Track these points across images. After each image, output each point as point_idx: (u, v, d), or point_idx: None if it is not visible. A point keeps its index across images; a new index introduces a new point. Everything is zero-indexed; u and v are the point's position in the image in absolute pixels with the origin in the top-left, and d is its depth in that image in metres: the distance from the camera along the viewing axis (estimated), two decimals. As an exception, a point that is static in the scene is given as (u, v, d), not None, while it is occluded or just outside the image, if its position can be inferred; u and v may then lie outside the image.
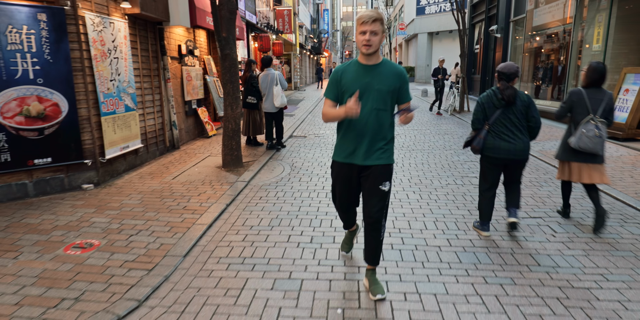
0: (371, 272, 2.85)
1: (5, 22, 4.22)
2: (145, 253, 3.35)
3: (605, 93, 3.72)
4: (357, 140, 2.63)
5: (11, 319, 2.48)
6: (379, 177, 2.63)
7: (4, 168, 4.43)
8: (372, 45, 2.49)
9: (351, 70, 2.62)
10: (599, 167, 3.78)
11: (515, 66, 3.59)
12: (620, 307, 2.63)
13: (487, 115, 3.64)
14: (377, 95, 2.55)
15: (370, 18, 2.44)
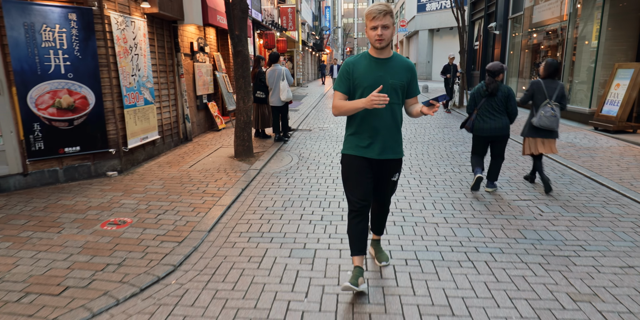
0: (376, 242, 3.14)
1: (40, 21, 4.61)
2: (174, 229, 3.75)
3: (558, 83, 4.71)
4: (372, 134, 2.61)
5: (66, 279, 2.88)
6: (392, 170, 2.75)
7: (38, 155, 4.83)
8: (385, 39, 2.47)
9: (363, 63, 2.58)
10: (554, 141, 4.81)
11: (499, 65, 4.55)
12: (593, 270, 3.02)
13: (476, 103, 4.73)
14: (391, 89, 2.55)
15: (380, 12, 2.42)
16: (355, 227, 2.69)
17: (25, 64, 4.58)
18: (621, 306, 2.57)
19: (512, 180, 5.33)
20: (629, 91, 7.84)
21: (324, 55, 39.07)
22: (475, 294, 2.72)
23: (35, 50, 4.62)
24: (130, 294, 2.70)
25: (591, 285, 2.81)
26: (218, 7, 8.25)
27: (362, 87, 2.55)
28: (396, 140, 2.68)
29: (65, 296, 2.67)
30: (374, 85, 2.51)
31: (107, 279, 2.89)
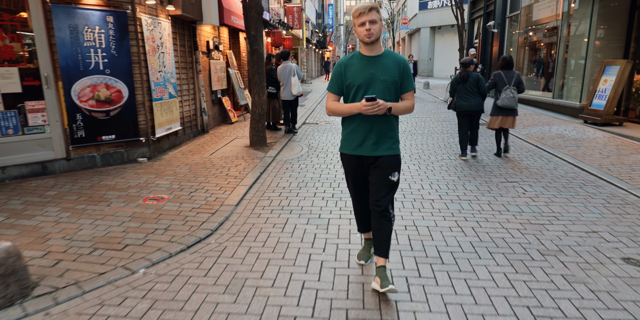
0: (382, 269, 2.71)
1: (83, 23, 5.21)
2: (206, 203, 4.36)
3: (515, 72, 6.22)
4: (365, 132, 2.64)
5: (124, 239, 3.49)
6: (388, 167, 2.66)
7: (80, 142, 5.45)
8: (374, 33, 2.51)
9: (354, 62, 2.63)
10: (514, 118, 6.24)
11: (469, 59, 6.16)
12: (562, 234, 3.62)
13: (455, 88, 6.29)
14: (382, 85, 2.56)
15: (366, 8, 2.49)
16: (358, 213, 3.03)
17: (70, 61, 5.18)
18: (580, 259, 3.17)
19: (502, 166, 5.92)
20: (615, 86, 8.40)
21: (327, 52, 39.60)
22: (462, 249, 3.32)
23: (78, 49, 5.23)
24: (180, 250, 3.32)
25: (558, 244, 3.41)
26: (232, 8, 8.84)
27: (355, 85, 2.59)
28: (391, 137, 2.67)
29: (127, 251, 3.28)
30: (366, 83, 2.57)
31: (158, 239, 3.50)
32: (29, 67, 5.09)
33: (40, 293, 2.68)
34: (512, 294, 2.68)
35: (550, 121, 9.56)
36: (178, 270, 3.01)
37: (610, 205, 4.31)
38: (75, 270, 2.97)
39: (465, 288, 2.76)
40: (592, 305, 2.55)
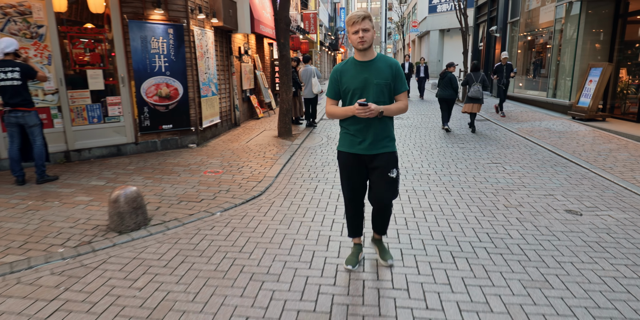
0: (378, 241, 3.15)
1: (150, 35, 6.52)
2: (252, 175, 5.62)
3: (481, 73, 8.85)
4: (362, 132, 2.77)
5: (199, 196, 4.75)
6: (386, 165, 2.80)
7: (145, 130, 6.76)
8: (367, 40, 2.64)
9: (349, 68, 2.77)
10: (479, 105, 8.84)
11: (451, 62, 8.69)
12: (525, 196, 4.80)
13: (438, 83, 9.09)
14: (376, 88, 2.70)
15: (359, 17, 2.61)
16: (350, 216, 3.07)
17: (140, 65, 6.50)
18: (533, 209, 4.36)
19: (490, 152, 7.11)
20: (599, 86, 9.52)
21: (338, 54, 40.85)
22: (447, 203, 4.54)
23: (147, 55, 6.54)
24: (241, 202, 4.58)
25: (520, 202, 4.61)
26: (260, 18, 10.13)
27: (351, 90, 2.74)
28: (387, 136, 2.81)
29: (204, 202, 4.54)
30: (361, 87, 2.72)
31: (224, 196, 4.76)
32: (109, 70, 6.41)
33: (154, 223, 3.96)
34: (478, 226, 3.89)
35: (542, 117, 10.70)
36: (243, 213, 4.28)
37: (571, 179, 5.48)
38: (172, 212, 4.24)
39: (445, 223, 3.98)
40: (533, 234, 3.75)
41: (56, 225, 3.87)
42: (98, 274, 3.04)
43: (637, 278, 2.95)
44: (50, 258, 3.25)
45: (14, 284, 2.89)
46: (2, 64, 4.81)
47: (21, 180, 5.01)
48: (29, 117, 4.95)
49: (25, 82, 4.92)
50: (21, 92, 4.88)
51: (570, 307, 2.61)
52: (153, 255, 3.33)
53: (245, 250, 3.42)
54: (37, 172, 5.09)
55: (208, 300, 2.70)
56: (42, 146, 5.11)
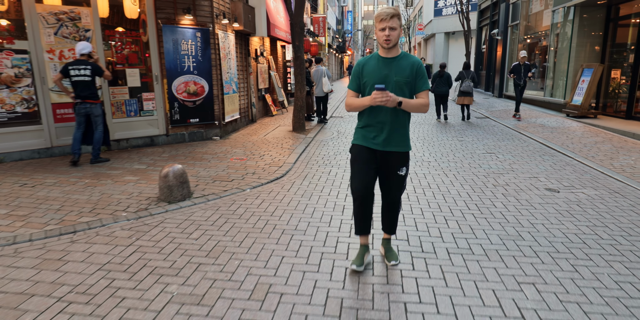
0: (387, 241, 3.17)
1: (181, 38, 7.31)
2: (273, 162, 6.37)
3: (471, 71, 10.80)
4: (378, 128, 2.80)
5: (229, 177, 5.51)
6: (397, 163, 2.85)
7: (175, 123, 7.54)
8: (392, 39, 2.66)
9: (372, 63, 2.80)
10: (470, 97, 10.70)
11: (444, 63, 10.13)
12: (512, 178, 5.51)
13: (434, 80, 10.72)
14: (395, 85, 2.72)
15: (388, 15, 2.61)
16: (358, 210, 2.92)
17: (172, 65, 7.29)
18: (518, 188, 5.07)
19: (486, 145, 7.82)
20: (590, 85, 10.20)
21: (346, 56, 41.62)
22: (444, 183, 5.27)
23: (177, 56, 7.33)
24: (267, 181, 5.33)
25: (507, 182, 5.32)
26: (275, 22, 10.92)
27: (370, 84, 2.76)
28: (402, 134, 2.83)
29: (234, 182, 5.30)
30: (380, 82, 2.73)
31: (251, 178, 5.52)
32: (144, 69, 7.20)
33: (196, 196, 4.71)
34: (469, 198, 4.62)
35: (538, 115, 11.39)
36: (270, 189, 5.03)
37: (555, 165, 6.19)
38: (209, 189, 5.00)
39: (441, 197, 4.72)
40: (515, 204, 4.47)
41: (115, 197, 4.64)
42: (159, 229, 3.80)
43: (594, 234, 3.67)
44: (117, 219, 4.01)
45: (94, 236, 3.65)
46: (77, 63, 5.73)
47: (77, 159, 5.87)
48: (95, 108, 5.79)
49: (94, 79, 5.82)
50: (90, 86, 5.73)
51: (537, 252, 3.34)
52: (200, 217, 4.09)
53: (275, 215, 4.17)
54: (93, 154, 5.98)
55: (251, 246, 3.45)
56: (102, 133, 6.00)
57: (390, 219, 3.09)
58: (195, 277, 2.94)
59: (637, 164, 6.10)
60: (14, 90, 6.06)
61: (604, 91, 11.00)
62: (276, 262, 3.17)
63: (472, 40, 15.64)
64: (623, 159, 6.45)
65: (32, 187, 4.93)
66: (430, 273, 2.99)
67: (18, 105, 6.12)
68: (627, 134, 8.23)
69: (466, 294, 2.71)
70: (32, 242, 3.51)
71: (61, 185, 5.02)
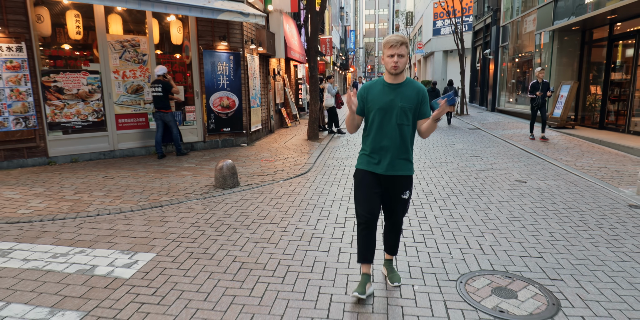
0: (389, 262, 3.19)
1: (217, 60, 8.78)
2: (296, 162, 7.74)
3: (453, 86, 14.33)
4: (382, 152, 2.81)
5: (264, 173, 6.88)
6: (401, 187, 2.89)
7: (211, 132, 8.95)
8: (400, 66, 2.70)
9: (377, 88, 2.82)
10: (453, 106, 13.65)
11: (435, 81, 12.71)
12: (491, 173, 6.87)
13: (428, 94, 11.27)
14: (400, 111, 2.75)
15: (397, 42, 2.66)
16: (363, 238, 2.90)
17: (210, 83, 8.74)
18: (494, 179, 6.42)
19: (474, 150, 9.20)
20: (568, 99, 11.63)
21: (349, 73, 43.38)
22: (435, 176, 6.64)
23: (214, 75, 8.78)
24: (295, 175, 6.69)
25: (487, 177, 6.68)
26: (291, 46, 12.45)
27: (374, 109, 2.80)
28: (405, 159, 2.85)
29: (269, 176, 6.65)
30: (384, 107, 2.77)
31: (280, 173, 6.88)
32: (187, 86, 8.66)
33: (242, 185, 6.08)
34: (454, 186, 5.98)
35: (523, 126, 12.79)
36: (298, 181, 6.40)
37: (528, 165, 7.55)
38: (250, 181, 6.36)
39: (432, 186, 6.08)
40: (489, 190, 5.83)
41: (180, 185, 6.01)
42: (223, 204, 5.15)
43: (543, 207, 5.02)
44: (189, 198, 5.37)
45: (178, 208, 5.01)
46: (155, 82, 7.48)
47: (161, 156, 7.81)
48: (167, 116, 7.35)
49: (165, 94, 7.49)
50: (163, 100, 7.31)
51: (498, 217, 4.69)
52: (251, 197, 5.45)
53: (306, 196, 5.53)
54: (176, 149, 8.04)
55: (293, 214, 4.80)
56: (177, 133, 7.78)
57: (392, 241, 3.13)
58: (260, 229, 4.30)
59: (595, 164, 7.47)
60: (87, 103, 7.49)
61: (581, 105, 12.43)
62: (313, 222, 4.53)
63: (467, 59, 17.15)
64: (585, 160, 7.82)
65: (112, 179, 6.31)
66: (422, 230, 4.34)
67: (90, 115, 7.54)
68: (595, 141, 9.61)
69: (446, 237, 4.06)
70: (134, 211, 4.87)
71: (134, 177, 6.40)
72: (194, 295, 3.00)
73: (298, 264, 3.52)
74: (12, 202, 5.11)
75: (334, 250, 3.78)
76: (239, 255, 3.67)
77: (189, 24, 8.50)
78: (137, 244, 3.90)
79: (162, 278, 3.25)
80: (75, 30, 7.28)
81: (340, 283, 3.18)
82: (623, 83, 10.52)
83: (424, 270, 3.41)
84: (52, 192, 5.54)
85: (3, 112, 6.61)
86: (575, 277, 3.29)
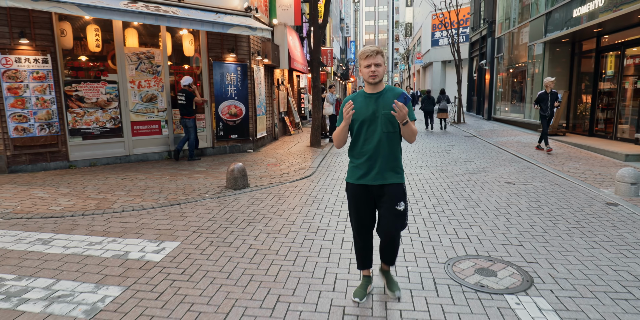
0: (386, 272, 3.11)
1: (226, 71, 9.33)
2: (300, 166, 8.24)
3: (446, 95, 15.66)
4: (370, 162, 2.82)
5: (271, 175, 7.37)
6: (393, 197, 2.83)
7: (219, 138, 9.47)
8: (378, 75, 2.73)
9: (359, 100, 2.84)
10: (446, 113, 15.55)
11: (429, 90, 14.48)
12: (483, 176, 7.36)
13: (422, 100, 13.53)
14: (384, 119, 2.78)
15: (373, 52, 2.70)
16: (359, 248, 3.08)
17: (219, 92, 9.28)
18: (484, 181, 6.91)
19: (469, 156, 9.71)
20: (559, 108, 12.17)
21: (349, 83, 44.10)
22: (430, 178, 7.14)
23: (223, 85, 9.33)
24: (300, 178, 7.18)
25: (479, 179, 7.17)
26: (294, 57, 13.04)
27: (359, 120, 2.81)
28: (394, 167, 2.85)
29: (275, 178, 7.14)
30: (369, 118, 2.79)
31: (286, 176, 7.37)
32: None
33: (252, 186, 6.57)
34: (447, 187, 6.47)
35: (517, 134, 13.32)
36: (303, 183, 6.89)
37: (518, 168, 8.05)
38: (259, 182, 6.86)
39: (427, 186, 6.57)
40: (479, 190, 6.31)
41: (194, 186, 6.50)
42: (236, 202, 5.64)
43: (528, 205, 5.51)
44: (204, 197, 5.86)
45: (194, 206, 5.49)
46: (180, 91, 8.20)
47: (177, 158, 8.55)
48: (188, 121, 8.10)
49: (188, 102, 8.14)
50: (186, 107, 8.09)
51: (485, 213, 5.18)
52: (261, 197, 5.94)
53: (311, 195, 6.02)
54: (189, 154, 8.60)
55: (300, 210, 5.29)
56: (194, 139, 8.38)
57: (389, 253, 3.02)
58: (271, 222, 4.79)
59: (580, 167, 7.97)
60: (105, 111, 8.02)
61: (573, 113, 12.96)
62: (318, 217, 5.01)
63: (463, 69, 17.76)
64: (572, 164, 8.32)
65: (130, 180, 6.81)
66: (416, 223, 4.83)
67: (107, 122, 8.07)
68: (583, 147, 10.13)
69: (437, 229, 4.55)
70: (155, 208, 5.36)
71: (151, 179, 6.90)
72: (218, 274, 3.48)
73: (306, 250, 4.00)
74: (42, 200, 5.60)
75: (338, 239, 4.27)
76: (254, 244, 4.15)
77: (199, 37, 9.07)
78: (162, 235, 4.38)
79: (188, 261, 3.73)
80: (94, 43, 7.84)
81: (343, 265, 3.67)
82: (611, 92, 11.06)
83: (417, 255, 3.89)
84: (78, 192, 6.04)
85: (29, 119, 7.13)
86: (549, 260, 3.77)
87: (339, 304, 3.02)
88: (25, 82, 7.03)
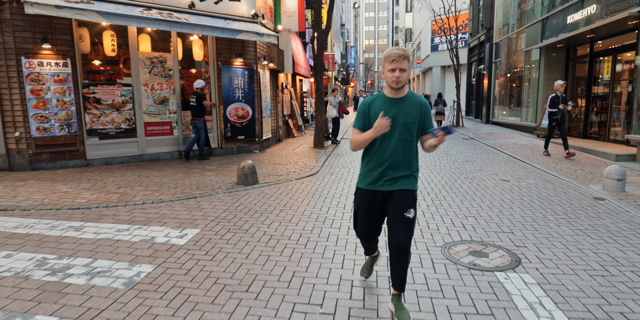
0: (397, 297, 2.85)
1: (233, 75, 9.76)
2: (305, 165, 8.64)
3: (443, 99, 16.73)
4: (383, 168, 2.74)
5: (278, 173, 7.77)
6: (403, 203, 2.71)
7: (227, 139, 9.88)
8: (402, 80, 2.64)
9: (378, 103, 2.76)
10: (443, 116, 16.53)
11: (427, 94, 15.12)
12: (479, 175, 7.77)
13: None
14: (402, 127, 2.69)
15: (399, 56, 2.60)
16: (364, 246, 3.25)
17: (227, 95, 9.70)
18: (480, 179, 7.31)
19: (467, 156, 10.12)
20: (554, 112, 12.57)
21: (349, 88, 44.62)
22: (429, 176, 7.54)
23: (231, 88, 9.76)
24: (305, 176, 7.58)
25: (475, 177, 7.56)
26: (298, 62, 13.48)
27: None
28: (408, 175, 2.76)
29: (283, 176, 7.54)
30: None
31: (292, 174, 7.77)
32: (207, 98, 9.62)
33: (261, 182, 6.97)
34: (445, 184, 6.87)
35: (514, 136, 13.74)
36: (309, 180, 7.29)
37: (513, 168, 8.45)
38: (267, 179, 7.25)
39: (427, 183, 6.97)
40: (476, 186, 6.71)
41: (207, 182, 6.90)
42: (247, 197, 6.04)
43: (520, 199, 5.90)
44: (217, 192, 6.27)
45: (209, 199, 5.89)
46: (192, 94, 8.66)
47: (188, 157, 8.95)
48: (199, 122, 8.45)
49: (199, 104, 8.58)
50: (197, 108, 8.49)
51: (480, 206, 5.58)
52: (270, 191, 6.34)
53: (317, 190, 6.42)
54: (199, 153, 8.97)
55: (308, 203, 5.69)
56: (204, 139, 8.78)
57: (400, 272, 2.77)
58: (282, 213, 5.18)
59: (572, 166, 8.37)
60: (120, 112, 8.43)
61: (568, 117, 13.38)
62: (325, 209, 5.41)
63: (462, 74, 18.23)
64: (565, 164, 8.73)
65: (146, 177, 7.21)
66: (416, 211, 5.23)
67: (122, 123, 8.48)
68: (577, 148, 10.54)
69: (435, 219, 4.95)
70: (172, 201, 5.76)
71: (166, 176, 7.30)
72: (237, 255, 3.88)
73: (316, 236, 4.40)
74: (67, 195, 6.00)
75: (344, 228, 4.67)
76: (268, 230, 4.55)
77: (208, 43, 9.50)
78: (183, 223, 4.78)
79: (209, 245, 4.13)
80: (110, 48, 8.27)
81: (350, 248, 4.06)
82: (604, 96, 11.49)
83: (417, 240, 4.28)
84: (99, 187, 6.44)
85: (50, 119, 7.54)
86: (536, 245, 4.16)
87: (347, 278, 3.41)
88: (46, 84, 7.45)
